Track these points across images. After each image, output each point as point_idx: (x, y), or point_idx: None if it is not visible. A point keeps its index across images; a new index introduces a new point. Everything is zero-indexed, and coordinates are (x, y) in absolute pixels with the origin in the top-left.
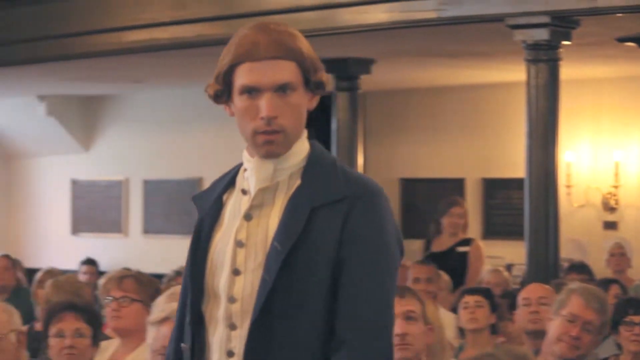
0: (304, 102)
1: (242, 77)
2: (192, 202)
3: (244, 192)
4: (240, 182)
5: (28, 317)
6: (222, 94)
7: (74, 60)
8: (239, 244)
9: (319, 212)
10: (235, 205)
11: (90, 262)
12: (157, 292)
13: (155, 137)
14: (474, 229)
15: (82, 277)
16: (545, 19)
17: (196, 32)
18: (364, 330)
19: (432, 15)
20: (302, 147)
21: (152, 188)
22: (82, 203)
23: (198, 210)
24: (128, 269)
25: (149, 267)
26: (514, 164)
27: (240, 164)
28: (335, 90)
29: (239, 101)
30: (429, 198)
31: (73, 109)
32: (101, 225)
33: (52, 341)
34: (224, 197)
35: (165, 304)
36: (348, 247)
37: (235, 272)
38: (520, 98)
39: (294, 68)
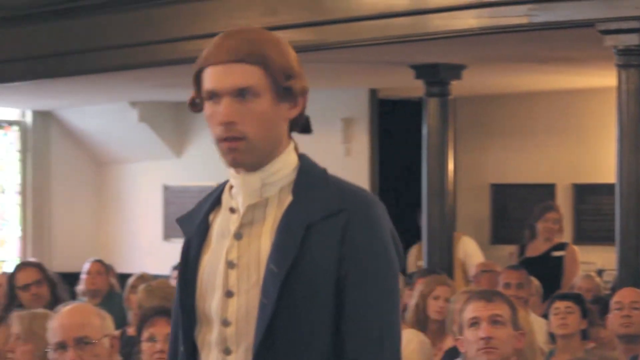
0: (272, 109)
1: (205, 82)
2: None
3: (232, 210)
4: (227, 200)
5: (120, 322)
6: (197, 101)
7: (165, 66)
8: (230, 264)
9: (314, 228)
10: (222, 225)
11: None
12: None
13: None
14: (565, 234)
15: (174, 282)
16: (636, 24)
17: (287, 38)
18: (371, 348)
19: (522, 20)
20: (288, 160)
21: None
22: (173, 208)
23: (184, 233)
24: None
25: None
26: (605, 169)
27: (226, 182)
28: (425, 96)
29: (206, 108)
30: (520, 203)
31: (165, 115)
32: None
33: (144, 346)
34: (210, 217)
35: None
36: (349, 263)
37: (228, 294)
38: (610, 103)
39: (257, 73)
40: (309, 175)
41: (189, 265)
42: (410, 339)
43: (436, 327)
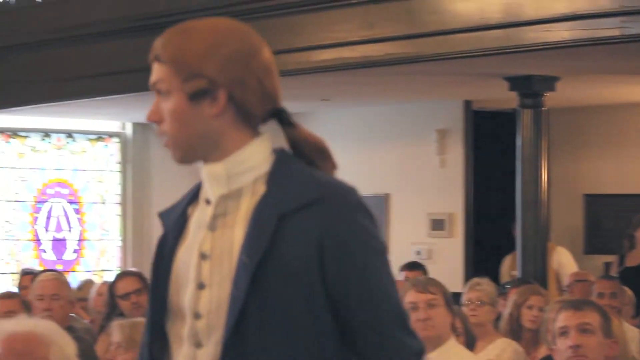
0: (187, 107)
1: None
2: (380, 218)
3: (207, 202)
4: (203, 192)
5: None
6: None
7: None
8: (202, 256)
9: (288, 219)
10: (200, 217)
11: None
12: None
13: (343, 153)
14: None
15: None
16: None
17: (384, 51)
18: (390, 337)
19: (615, 32)
20: (257, 150)
21: None
22: None
23: (163, 227)
24: None
25: None
26: None
27: None
28: (519, 107)
29: None
30: (613, 214)
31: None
32: None
33: None
34: (189, 210)
35: None
36: (334, 256)
37: (200, 286)
38: None
39: (165, 71)
40: (284, 166)
41: (163, 258)
42: (504, 348)
43: (530, 336)
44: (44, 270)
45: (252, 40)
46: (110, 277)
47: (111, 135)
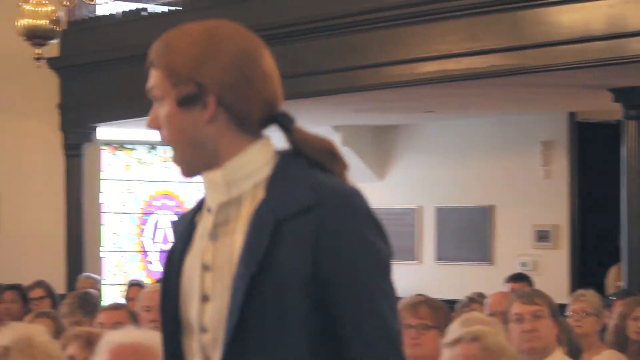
0: (178, 113)
1: None
2: (485, 230)
3: (209, 210)
4: (206, 200)
5: None
6: None
7: (368, 91)
8: (205, 267)
9: (285, 225)
10: (203, 226)
11: None
12: (449, 318)
13: (447, 165)
14: None
15: None
16: None
17: (488, 63)
18: (377, 349)
19: None
20: (256, 154)
21: (444, 215)
22: None
23: (174, 236)
24: (421, 295)
25: (443, 294)
26: None
27: None
28: (624, 118)
29: None
30: None
31: (367, 139)
32: (396, 252)
33: None
34: (196, 219)
35: (459, 328)
36: (329, 264)
37: (204, 298)
38: None
39: (159, 76)
40: (285, 170)
41: (172, 270)
42: None
43: (636, 348)
44: (151, 282)
45: (249, 45)
46: None
47: None
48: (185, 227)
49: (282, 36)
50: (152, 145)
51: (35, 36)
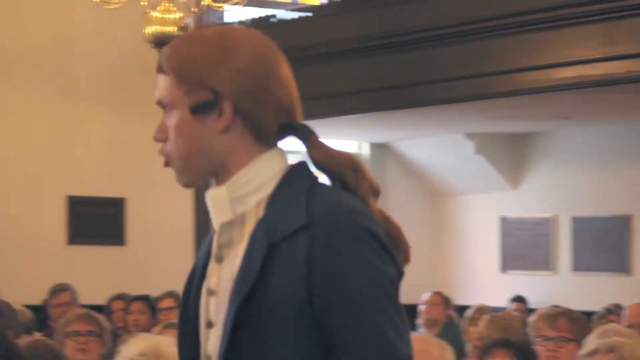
0: (191, 122)
1: None
2: (622, 239)
3: (214, 231)
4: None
5: (458, 354)
6: None
7: (501, 98)
8: (209, 291)
9: (278, 248)
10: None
11: (519, 299)
12: (587, 330)
13: (584, 173)
14: None
15: (514, 314)
16: None
17: (626, 68)
18: None
19: None
20: (261, 169)
21: (580, 225)
22: (510, 240)
23: (197, 257)
24: (557, 307)
25: (579, 304)
26: None
27: None
28: None
29: None
30: None
31: (501, 146)
32: (530, 262)
33: None
34: (215, 238)
35: (596, 340)
36: (325, 289)
37: (209, 324)
38: None
39: (170, 83)
40: (288, 187)
41: (191, 293)
42: None
43: None
44: None
45: (265, 50)
46: None
47: None
48: (207, 247)
49: (414, 42)
50: None
51: (164, 43)
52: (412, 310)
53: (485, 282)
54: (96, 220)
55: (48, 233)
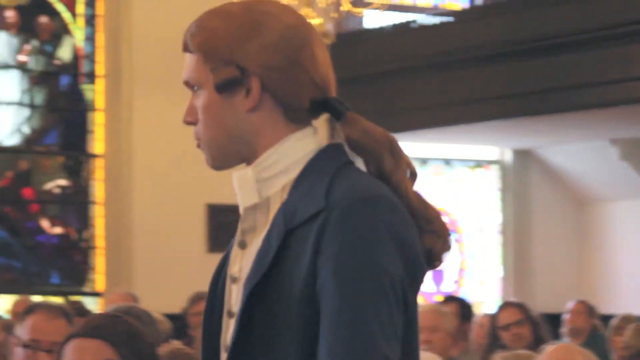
0: (218, 101)
1: None
2: None
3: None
4: None
5: None
6: None
7: None
8: (233, 279)
9: (295, 233)
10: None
11: None
12: None
13: None
14: None
15: None
16: None
17: None
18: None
19: None
20: (286, 153)
21: None
22: None
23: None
24: None
25: None
26: None
27: None
28: None
29: None
30: None
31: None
32: None
33: None
34: (239, 224)
35: None
36: (323, 274)
37: (230, 314)
38: None
39: (196, 61)
40: (314, 170)
41: (219, 279)
42: None
43: None
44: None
45: (296, 22)
46: (491, 308)
47: (490, 162)
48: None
49: (558, 47)
50: (424, 160)
51: None
52: (556, 319)
53: (631, 290)
54: (236, 228)
55: (188, 241)
